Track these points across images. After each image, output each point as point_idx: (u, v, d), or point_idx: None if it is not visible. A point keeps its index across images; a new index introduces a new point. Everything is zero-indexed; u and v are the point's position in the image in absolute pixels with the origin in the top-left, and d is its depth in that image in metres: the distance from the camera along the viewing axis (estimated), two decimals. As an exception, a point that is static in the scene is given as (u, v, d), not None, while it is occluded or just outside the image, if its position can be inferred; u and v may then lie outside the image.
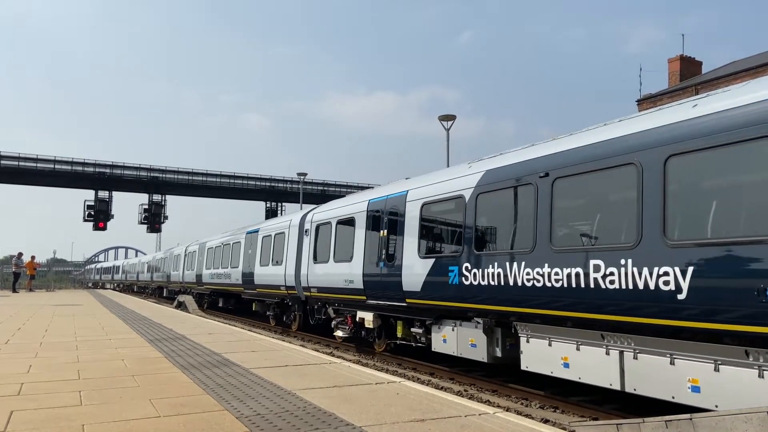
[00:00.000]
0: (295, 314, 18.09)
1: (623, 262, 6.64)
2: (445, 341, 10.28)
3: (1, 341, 10.14)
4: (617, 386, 6.91)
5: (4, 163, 49.70)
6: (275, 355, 8.77)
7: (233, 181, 58.79)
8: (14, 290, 33.14)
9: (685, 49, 56.84)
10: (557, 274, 7.53)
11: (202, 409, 5.16)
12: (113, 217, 52.34)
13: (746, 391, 5.57)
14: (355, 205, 13.74)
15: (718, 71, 34.94)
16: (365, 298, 12.61)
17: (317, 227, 15.51)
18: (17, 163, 50.32)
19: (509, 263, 8.37)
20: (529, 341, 8.29)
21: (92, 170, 52.60)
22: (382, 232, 12.10)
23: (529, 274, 7.98)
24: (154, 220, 54.81)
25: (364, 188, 34.54)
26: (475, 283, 9.06)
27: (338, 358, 9.83)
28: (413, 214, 11.03)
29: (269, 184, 60.37)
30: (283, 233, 18.35)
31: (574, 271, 7.29)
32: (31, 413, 5.00)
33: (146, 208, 54.66)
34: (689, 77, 36.83)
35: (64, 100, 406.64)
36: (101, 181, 52.29)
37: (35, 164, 50.88)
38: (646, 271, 6.36)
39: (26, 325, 13.38)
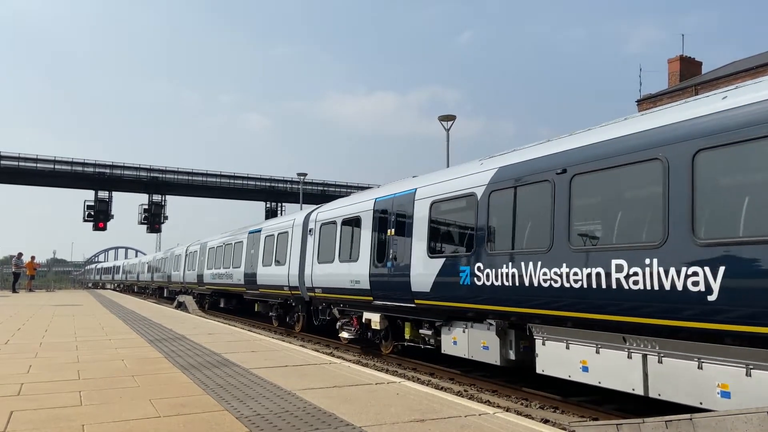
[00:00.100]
0: (298, 315, 17.87)
1: (648, 261, 6.37)
2: (455, 343, 10.01)
3: (1, 341, 10.08)
4: (640, 391, 6.64)
5: (4, 163, 49.61)
6: (275, 355, 8.72)
7: (233, 181, 58.65)
8: (14, 290, 32.99)
9: (685, 49, 56.61)
10: (576, 274, 7.26)
11: (202, 409, 5.15)
12: (113, 217, 52.35)
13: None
14: (360, 204, 13.47)
15: (718, 71, 34.80)
16: (372, 298, 12.35)
17: (321, 227, 15.25)
18: (17, 163, 50.23)
19: (524, 263, 8.10)
20: (545, 344, 8.01)
21: (92, 170, 52.50)
22: (389, 231, 11.83)
23: (546, 274, 7.71)
24: (154, 220, 54.70)
25: (364, 188, 34.34)
26: (488, 283, 8.79)
27: (338, 358, 9.74)
28: (422, 212, 10.76)
29: (269, 184, 60.27)
30: (286, 233, 18.09)
31: (594, 271, 7.01)
32: (31, 413, 4.99)
33: (146, 208, 54.57)
34: (689, 77, 36.71)
35: (64, 100, 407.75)
36: (101, 181, 52.21)
37: (35, 164, 50.79)
38: (673, 271, 6.08)
39: (26, 325, 13.27)
